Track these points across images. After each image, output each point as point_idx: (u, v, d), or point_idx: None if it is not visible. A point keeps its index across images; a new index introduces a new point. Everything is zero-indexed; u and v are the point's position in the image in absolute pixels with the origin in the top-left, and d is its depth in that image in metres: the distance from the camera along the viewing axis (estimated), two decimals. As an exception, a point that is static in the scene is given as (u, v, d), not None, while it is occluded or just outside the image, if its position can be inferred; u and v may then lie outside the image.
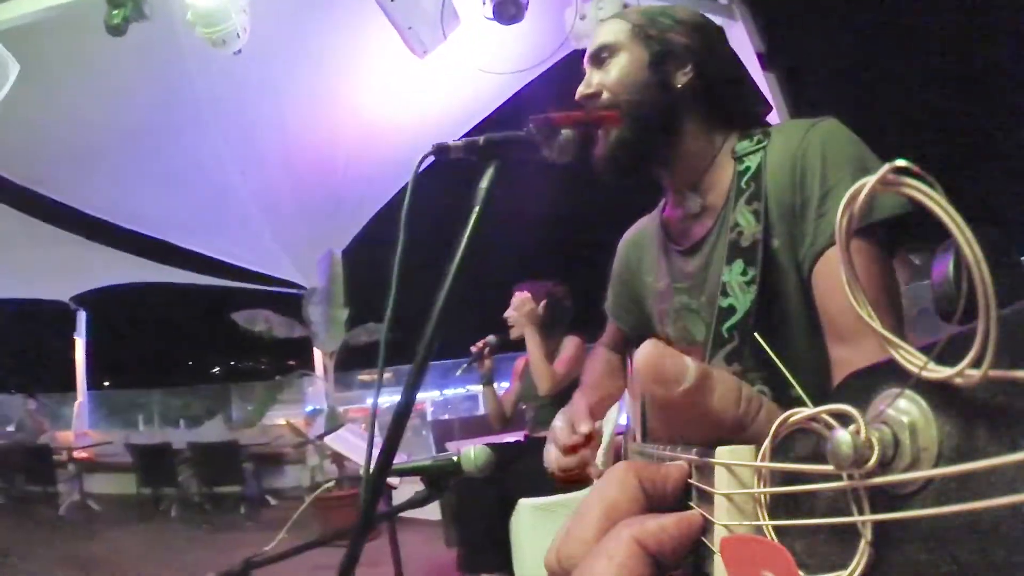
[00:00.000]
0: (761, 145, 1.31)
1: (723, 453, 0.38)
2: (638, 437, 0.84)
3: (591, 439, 1.32)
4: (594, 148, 1.39)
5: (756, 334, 1.17)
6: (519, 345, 3.85)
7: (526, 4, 3.51)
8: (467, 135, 1.25)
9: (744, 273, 1.23)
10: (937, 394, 0.25)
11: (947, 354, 0.24)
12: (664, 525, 0.38)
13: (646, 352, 0.40)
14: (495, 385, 4.01)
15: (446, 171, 1.28)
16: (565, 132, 1.28)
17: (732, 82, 1.42)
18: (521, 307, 3.64)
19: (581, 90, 1.40)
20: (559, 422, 1.38)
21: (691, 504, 0.42)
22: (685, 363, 0.40)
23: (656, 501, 0.42)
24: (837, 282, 1.13)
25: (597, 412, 1.49)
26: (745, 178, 1.29)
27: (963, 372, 0.23)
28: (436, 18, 3.38)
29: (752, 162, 1.30)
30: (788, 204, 1.23)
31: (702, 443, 0.42)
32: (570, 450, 1.34)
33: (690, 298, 1.42)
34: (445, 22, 3.42)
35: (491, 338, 3.81)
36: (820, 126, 1.26)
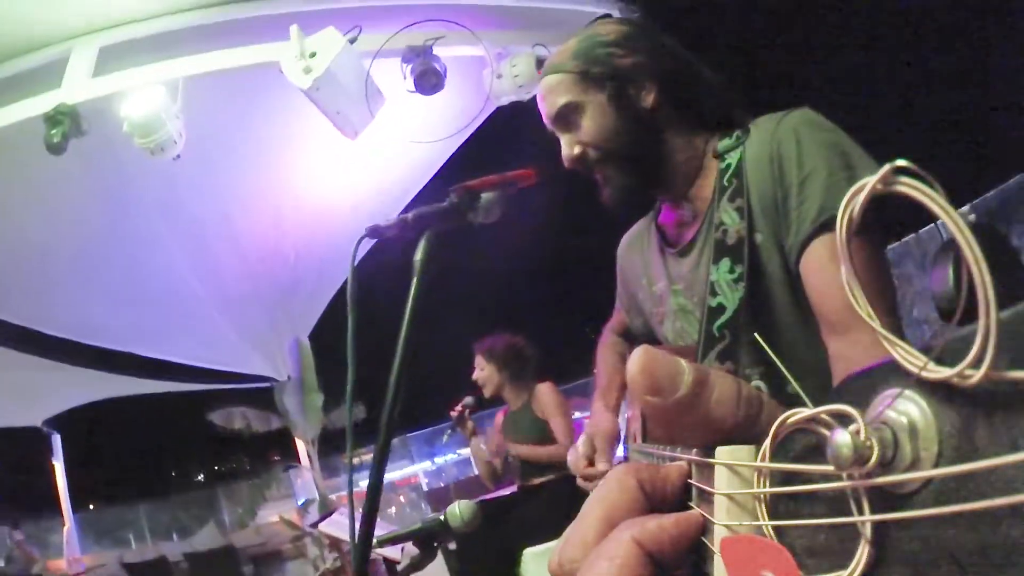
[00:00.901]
0: (740, 141, 1.32)
1: (723, 453, 0.37)
2: (638, 438, 0.88)
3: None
4: (602, 196, 1.43)
5: (755, 334, 1.18)
6: (495, 401, 3.91)
7: (444, 72, 3.63)
8: (410, 204, 1.34)
9: (732, 271, 1.24)
10: (937, 394, 0.25)
11: (947, 354, 0.24)
12: (664, 525, 0.38)
13: (637, 361, 0.38)
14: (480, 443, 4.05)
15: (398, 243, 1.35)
16: (485, 195, 1.34)
17: (692, 73, 1.43)
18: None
19: (566, 155, 1.42)
20: (582, 443, 1.44)
21: (691, 504, 0.42)
22: (680, 369, 0.38)
23: (656, 502, 0.42)
24: (826, 274, 1.15)
25: (617, 409, 1.54)
26: (727, 175, 1.31)
27: (963, 372, 0.23)
28: (361, 98, 3.46)
29: (732, 159, 1.32)
30: (770, 197, 1.25)
31: (702, 446, 0.41)
32: (587, 478, 1.39)
33: (686, 299, 1.44)
34: (370, 101, 3.51)
35: (468, 399, 3.84)
36: (792, 115, 1.28)
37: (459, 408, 3.86)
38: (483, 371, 3.79)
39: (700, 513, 0.39)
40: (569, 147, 1.42)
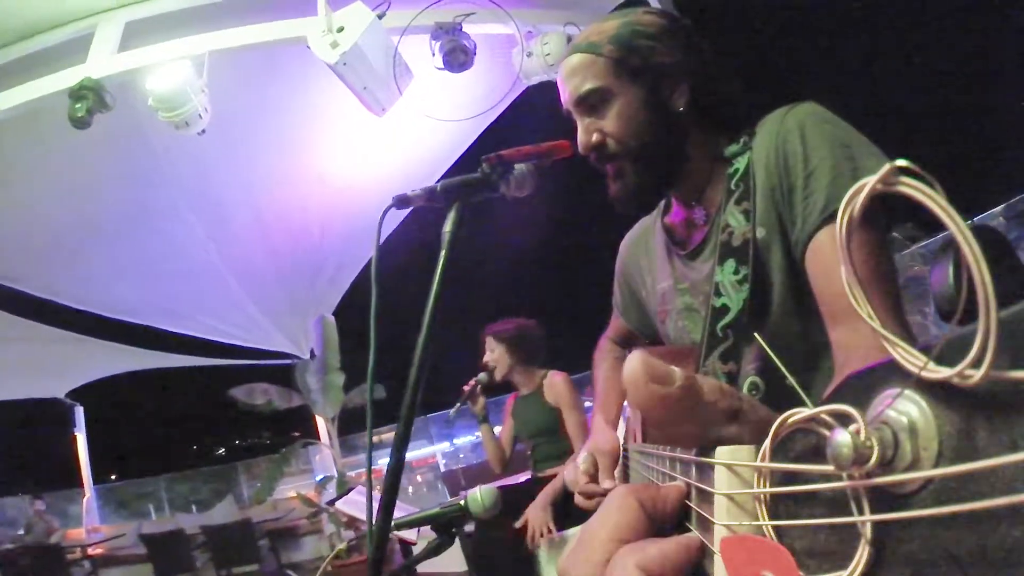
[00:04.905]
0: (747, 146, 1.31)
1: (723, 453, 0.38)
2: (638, 437, 0.86)
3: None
4: (610, 189, 1.37)
5: (756, 335, 1.17)
6: (507, 387, 3.88)
7: (474, 50, 3.56)
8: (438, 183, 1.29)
9: (736, 272, 1.24)
10: (937, 394, 0.25)
11: (947, 354, 0.24)
12: (665, 552, 0.40)
13: (635, 359, 0.41)
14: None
15: (428, 219, 1.31)
16: (518, 167, 1.31)
17: (721, 77, 1.38)
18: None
19: (584, 141, 1.34)
20: (582, 460, 1.39)
21: (688, 525, 0.44)
22: (671, 367, 0.41)
23: (657, 520, 0.45)
24: (830, 265, 1.14)
25: (617, 423, 1.52)
26: (735, 180, 1.30)
27: (963, 372, 0.23)
28: (389, 75, 3.42)
29: (740, 164, 1.30)
30: (775, 191, 1.23)
31: (697, 444, 0.43)
32: (589, 496, 1.35)
33: (692, 298, 1.43)
34: (398, 78, 3.46)
35: (481, 375, 3.81)
36: (796, 110, 1.25)
37: (471, 383, 3.83)
38: (493, 352, 3.78)
39: (698, 537, 0.41)
40: (587, 134, 1.34)
